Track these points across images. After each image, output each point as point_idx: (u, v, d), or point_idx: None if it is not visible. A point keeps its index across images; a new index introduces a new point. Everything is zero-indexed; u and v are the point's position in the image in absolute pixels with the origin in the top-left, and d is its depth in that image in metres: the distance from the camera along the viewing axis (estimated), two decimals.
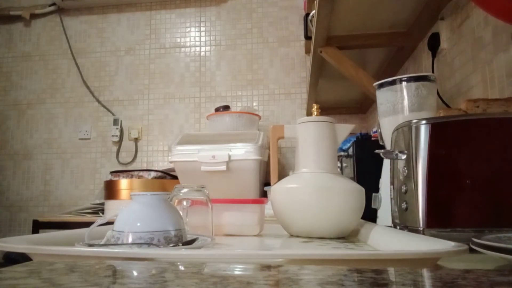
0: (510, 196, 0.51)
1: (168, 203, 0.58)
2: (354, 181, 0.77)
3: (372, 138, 1.18)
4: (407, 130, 0.59)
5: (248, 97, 2.35)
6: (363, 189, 0.74)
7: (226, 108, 2.11)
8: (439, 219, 0.54)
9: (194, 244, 0.55)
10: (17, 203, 2.48)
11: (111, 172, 1.85)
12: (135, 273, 0.29)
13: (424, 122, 0.57)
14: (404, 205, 0.59)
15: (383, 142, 0.89)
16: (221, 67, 2.41)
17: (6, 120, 2.56)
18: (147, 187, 1.73)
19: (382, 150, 0.67)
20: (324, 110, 0.84)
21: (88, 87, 2.51)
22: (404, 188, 0.59)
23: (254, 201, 0.79)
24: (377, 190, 0.89)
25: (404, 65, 1.49)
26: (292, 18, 2.38)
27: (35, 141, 2.51)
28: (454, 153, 0.54)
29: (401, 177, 0.61)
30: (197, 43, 2.46)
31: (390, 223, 0.69)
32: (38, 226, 1.83)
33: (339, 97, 2.01)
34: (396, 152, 0.62)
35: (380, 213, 0.86)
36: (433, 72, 1.15)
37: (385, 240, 0.58)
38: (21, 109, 2.56)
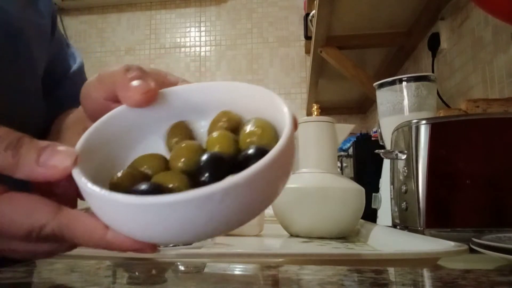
0: (510, 196, 0.51)
1: None
2: (354, 181, 0.77)
3: (372, 138, 1.18)
4: (407, 130, 0.59)
5: None
6: (363, 189, 0.74)
7: None
8: (439, 219, 0.54)
9: (194, 244, 0.55)
10: None
11: None
12: (135, 273, 0.29)
13: (424, 122, 0.57)
14: (404, 205, 0.59)
15: (383, 142, 0.89)
16: (221, 67, 2.41)
17: None
18: None
19: (382, 150, 0.67)
20: (324, 110, 0.84)
21: None
22: (404, 188, 0.59)
23: None
24: (377, 190, 0.89)
25: (404, 65, 1.49)
26: (292, 18, 2.38)
27: None
28: (454, 153, 0.54)
29: (401, 177, 0.61)
30: (197, 43, 2.46)
31: (390, 223, 0.69)
32: None
33: (339, 97, 2.01)
34: (396, 152, 0.62)
35: (380, 213, 0.86)
36: (433, 72, 1.15)
37: (385, 240, 0.58)
38: None
